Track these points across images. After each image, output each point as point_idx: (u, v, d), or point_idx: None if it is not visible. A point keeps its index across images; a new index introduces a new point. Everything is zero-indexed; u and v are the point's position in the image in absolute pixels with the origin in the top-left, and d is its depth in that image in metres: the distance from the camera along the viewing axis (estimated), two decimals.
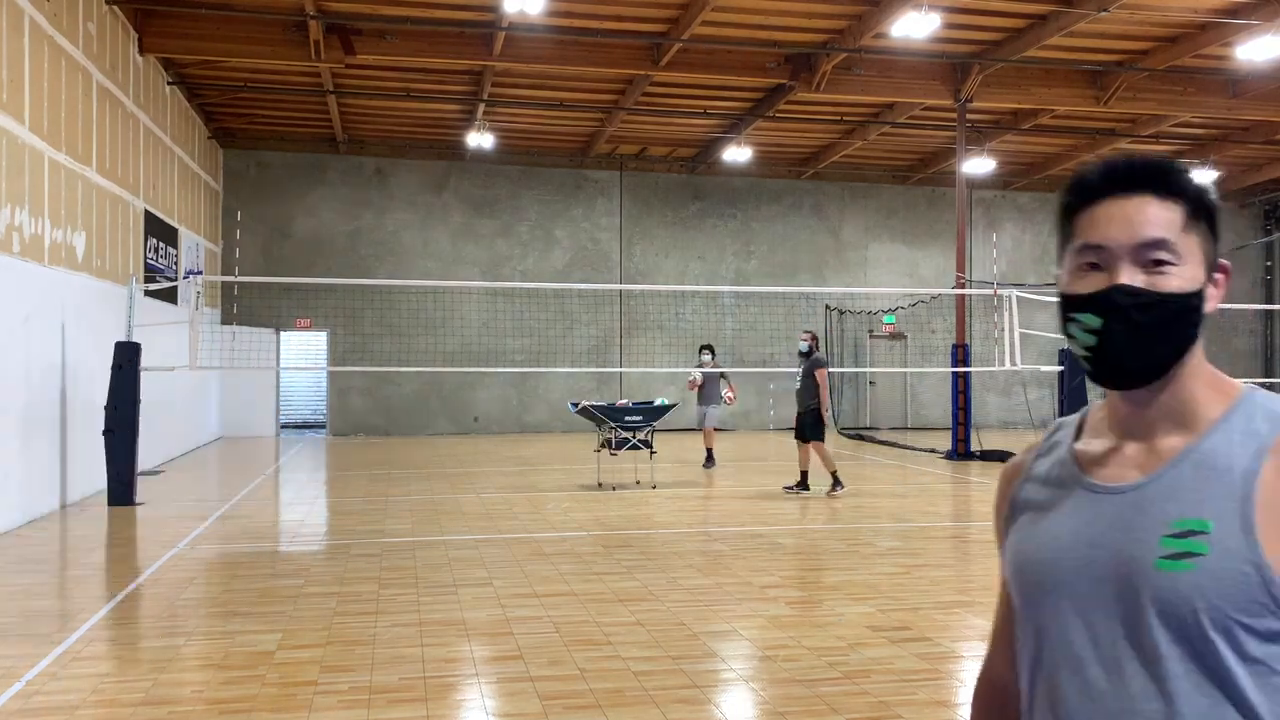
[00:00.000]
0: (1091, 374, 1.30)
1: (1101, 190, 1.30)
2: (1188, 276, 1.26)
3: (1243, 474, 1.22)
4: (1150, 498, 1.26)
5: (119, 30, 14.33)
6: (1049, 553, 1.32)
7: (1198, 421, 1.29)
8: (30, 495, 10.58)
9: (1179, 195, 1.29)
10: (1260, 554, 1.17)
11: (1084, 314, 1.27)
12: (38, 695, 5.03)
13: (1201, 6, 14.54)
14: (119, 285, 13.32)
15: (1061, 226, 1.36)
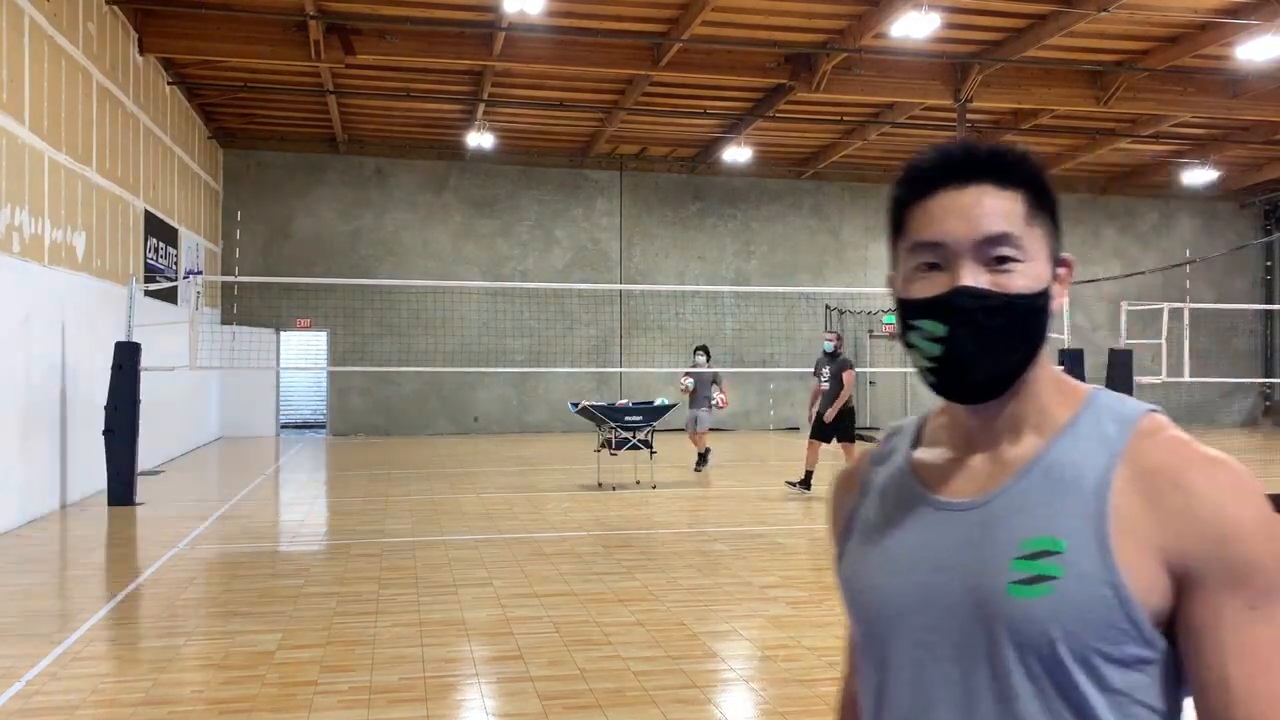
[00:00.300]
0: (935, 387, 1.17)
1: (935, 181, 1.17)
2: (1034, 274, 1.16)
3: (1095, 485, 1.11)
4: (998, 515, 1.14)
5: (119, 30, 14.34)
6: (888, 579, 1.19)
7: (1045, 428, 1.18)
8: (30, 495, 10.58)
9: (1019, 184, 1.18)
10: (1118, 574, 1.06)
11: (926, 320, 1.15)
12: (38, 695, 5.03)
13: (1201, 6, 14.54)
14: (119, 285, 13.32)
15: (893, 223, 1.23)
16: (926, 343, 1.15)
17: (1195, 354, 16.62)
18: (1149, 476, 1.10)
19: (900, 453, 1.29)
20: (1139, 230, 26.77)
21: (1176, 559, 1.07)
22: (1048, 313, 1.16)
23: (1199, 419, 26.65)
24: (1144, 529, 1.07)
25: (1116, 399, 1.19)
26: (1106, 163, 24.27)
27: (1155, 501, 1.08)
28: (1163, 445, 1.12)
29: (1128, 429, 1.14)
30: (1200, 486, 1.08)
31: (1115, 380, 13.71)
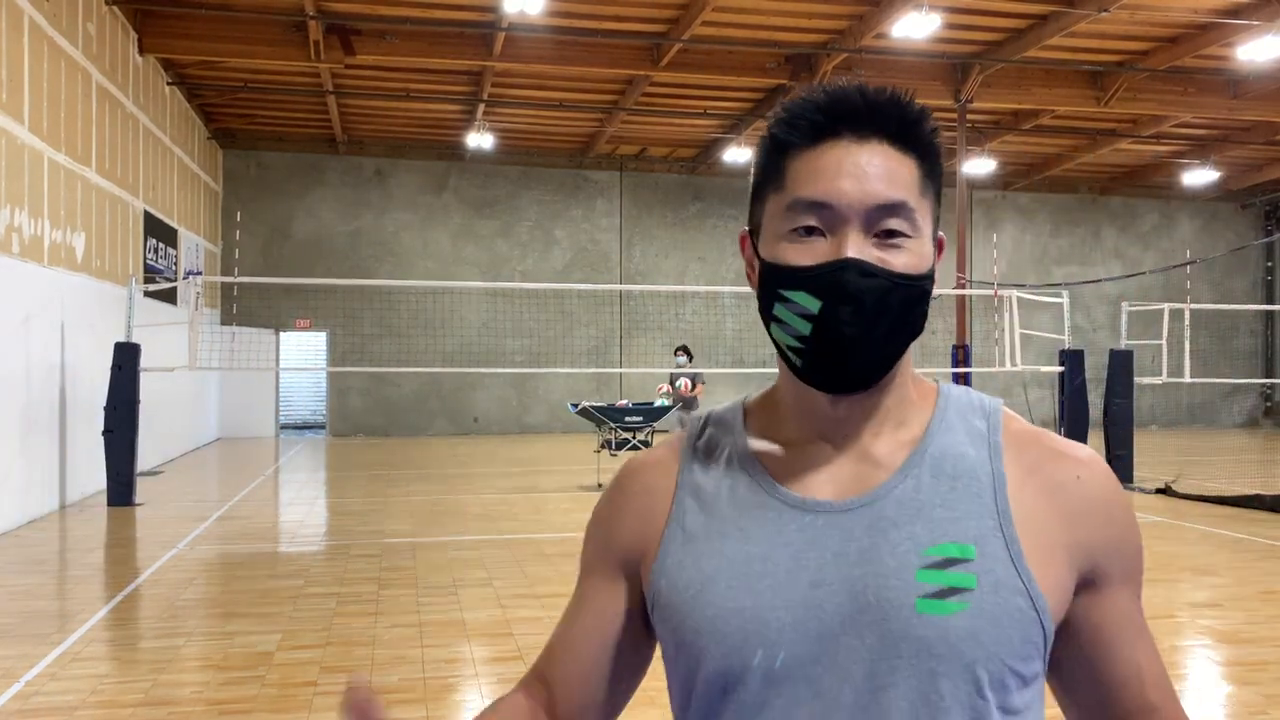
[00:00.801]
0: (799, 370, 1.01)
1: (826, 129, 1.00)
2: (922, 253, 1.02)
3: (989, 482, 1.01)
4: (888, 516, 0.99)
5: (118, 30, 14.31)
6: (753, 598, 0.98)
7: (912, 421, 1.05)
8: (29, 496, 10.55)
9: (916, 147, 1.03)
10: (1032, 581, 0.96)
11: (799, 293, 0.98)
12: (37, 696, 5.00)
13: (1202, 7, 14.52)
14: (118, 286, 13.29)
15: (767, 168, 1.04)
16: (795, 318, 1.00)
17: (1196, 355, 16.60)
18: (1042, 473, 1.02)
19: (727, 445, 1.10)
20: (1139, 231, 26.76)
21: (1084, 558, 1.01)
22: (929, 299, 1.03)
23: (1200, 420, 26.64)
24: (1049, 528, 0.99)
25: (963, 390, 1.10)
26: (1107, 163, 24.26)
27: (1057, 499, 1.01)
28: (1039, 440, 1.05)
29: (995, 421, 1.06)
30: (1096, 482, 1.03)
31: (1116, 381, 13.67)
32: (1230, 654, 5.78)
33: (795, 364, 1.02)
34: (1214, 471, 15.34)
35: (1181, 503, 11.80)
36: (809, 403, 1.05)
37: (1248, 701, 4.99)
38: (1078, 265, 26.10)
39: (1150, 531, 10.02)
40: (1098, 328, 25.18)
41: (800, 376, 1.02)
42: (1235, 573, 7.96)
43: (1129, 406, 13.67)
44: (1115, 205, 26.57)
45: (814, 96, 1.03)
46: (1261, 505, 11.12)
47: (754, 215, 1.08)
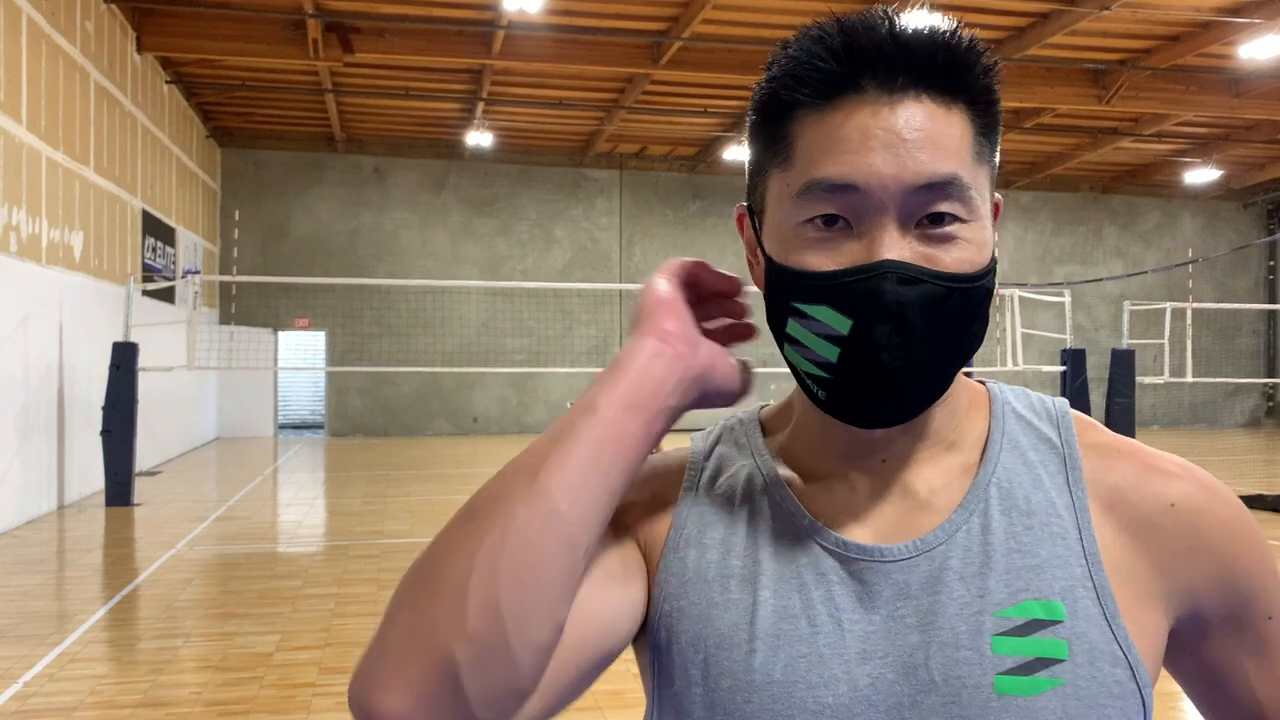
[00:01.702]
0: (824, 404, 0.80)
1: (846, 81, 0.76)
2: (981, 240, 0.78)
3: (1074, 515, 0.81)
4: (952, 568, 0.79)
5: (117, 29, 14.28)
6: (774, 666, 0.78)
7: (965, 439, 0.85)
8: (28, 496, 10.52)
9: (967, 95, 0.79)
10: (1132, 647, 0.77)
11: (821, 308, 0.77)
12: (35, 697, 4.98)
13: (1204, 5, 14.50)
14: (117, 285, 13.26)
15: (768, 135, 0.81)
16: (818, 341, 0.78)
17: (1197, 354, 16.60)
18: (1127, 503, 0.82)
19: (744, 466, 0.89)
20: (1141, 230, 26.74)
21: (1184, 605, 0.82)
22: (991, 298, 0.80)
23: (1201, 419, 26.62)
24: (1142, 573, 0.80)
25: (1020, 391, 0.90)
26: (1109, 162, 24.24)
27: (1150, 539, 0.81)
28: (1121, 454, 0.84)
29: (1068, 430, 0.86)
30: (1194, 510, 0.82)
31: (1118, 381, 13.65)
32: None
33: (818, 396, 0.80)
34: (1216, 471, 15.18)
35: None
36: (838, 427, 0.83)
37: None
38: (1079, 264, 26.08)
39: None
40: (1099, 327, 25.16)
41: (825, 410, 0.81)
42: None
43: (1131, 406, 13.66)
44: (1117, 204, 26.55)
45: (826, 35, 0.77)
46: (1263, 505, 11.08)
47: (754, 192, 0.85)
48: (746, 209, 0.87)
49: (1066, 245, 26.26)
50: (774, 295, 0.82)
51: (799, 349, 0.80)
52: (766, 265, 0.82)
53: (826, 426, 0.84)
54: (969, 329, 0.78)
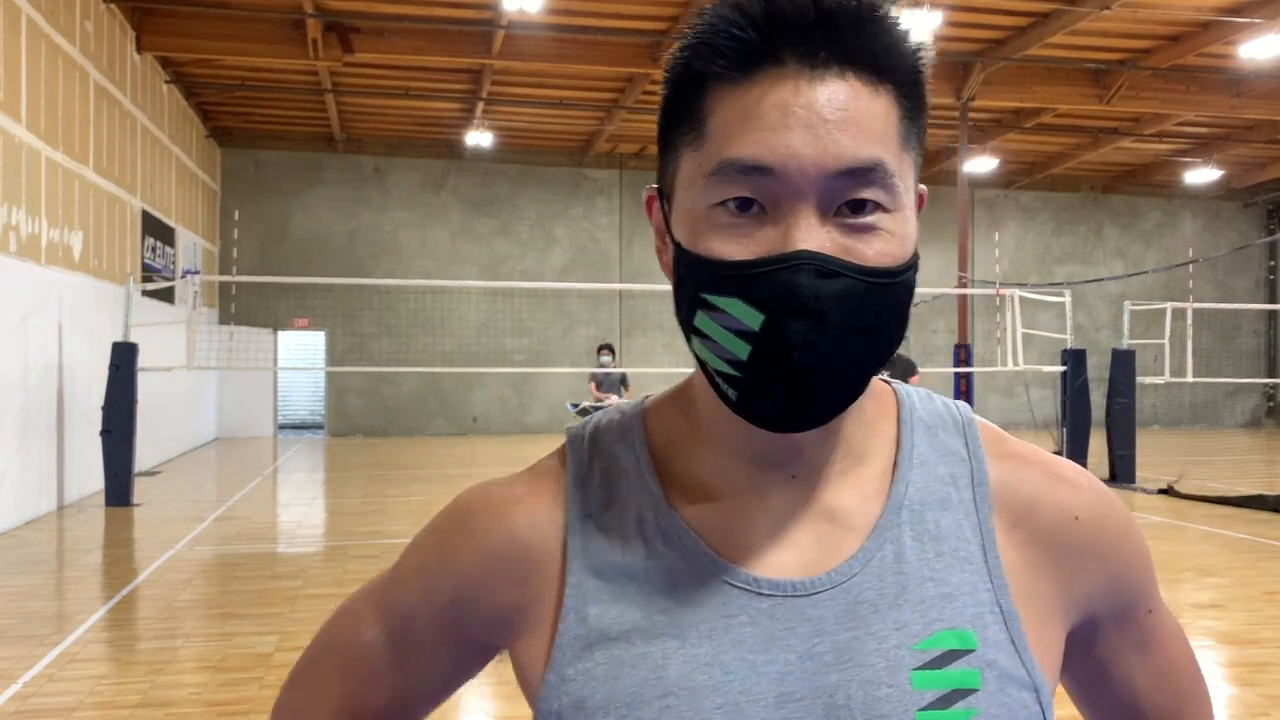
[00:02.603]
0: (733, 403, 0.73)
1: (765, 52, 0.70)
2: (904, 233, 0.72)
3: (979, 534, 0.78)
4: (867, 600, 0.75)
5: (116, 29, 14.27)
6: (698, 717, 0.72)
7: (875, 450, 0.80)
8: (27, 496, 10.51)
9: (893, 73, 0.72)
10: (1036, 668, 0.75)
11: (731, 300, 0.70)
12: (35, 697, 4.97)
13: (1204, 5, 14.49)
14: (116, 285, 13.25)
15: (679, 107, 0.74)
16: (728, 336, 0.71)
17: (1198, 354, 16.58)
18: (1033, 516, 0.80)
19: (630, 491, 0.80)
20: (1142, 230, 26.73)
21: (1082, 612, 0.81)
22: (913, 294, 0.74)
23: (1202, 420, 26.61)
24: (1045, 589, 0.78)
25: (925, 395, 0.85)
26: (1109, 162, 24.24)
27: (1051, 551, 0.79)
28: (1027, 464, 0.82)
29: (974, 440, 0.82)
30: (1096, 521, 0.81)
31: (1118, 381, 13.63)
32: (1232, 655, 5.74)
33: (728, 395, 0.73)
34: (1216, 472, 15.30)
35: (1184, 503, 11.77)
36: (746, 432, 0.76)
37: (1250, 703, 4.96)
38: (1080, 264, 26.07)
39: (1152, 532, 9.99)
40: (1100, 327, 25.15)
41: (735, 410, 0.74)
42: (1237, 573, 7.92)
43: (1131, 406, 13.64)
44: (1117, 204, 26.54)
45: (746, 2, 0.71)
46: (1264, 506, 11.08)
47: (664, 172, 0.77)
48: (656, 191, 0.80)
49: (1067, 245, 26.25)
50: (682, 285, 0.74)
51: (708, 344, 0.73)
52: (675, 252, 0.75)
53: (733, 434, 0.77)
54: (889, 329, 0.72)
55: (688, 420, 0.82)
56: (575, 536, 0.79)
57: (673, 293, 0.76)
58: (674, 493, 0.79)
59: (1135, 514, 11.07)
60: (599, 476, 0.81)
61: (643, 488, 0.80)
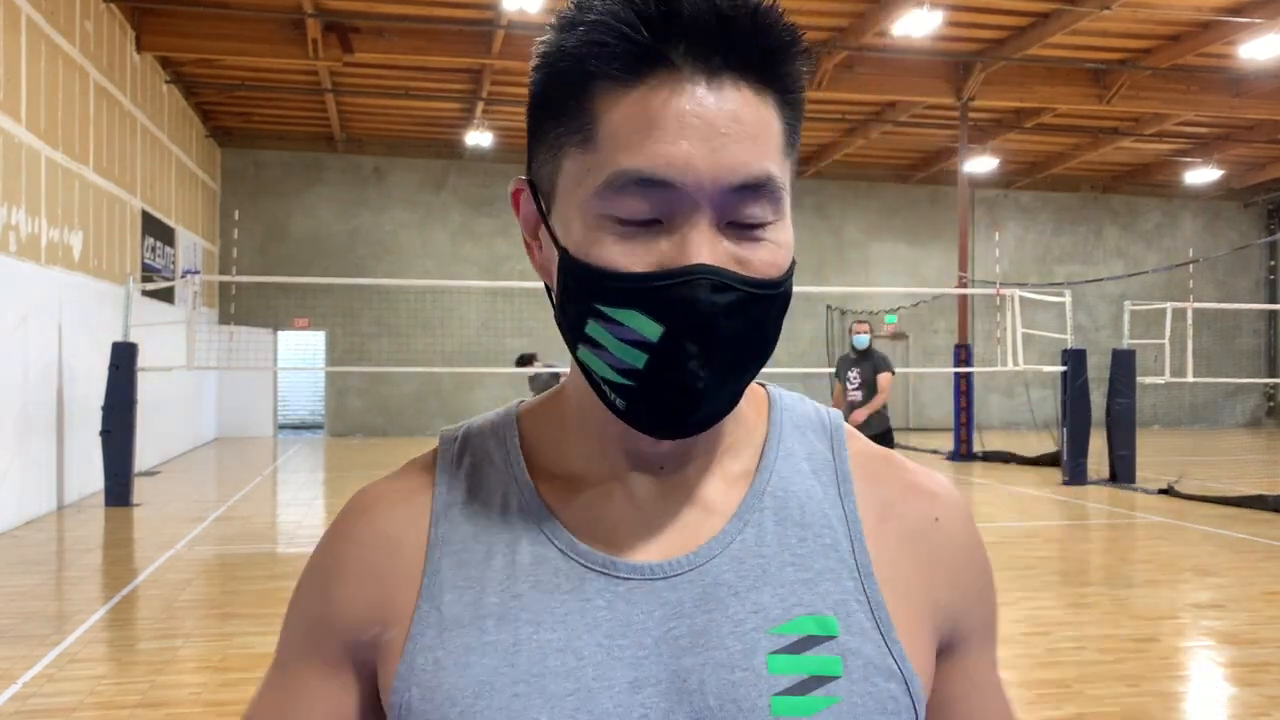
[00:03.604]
0: (621, 412, 0.73)
1: (656, 55, 0.67)
2: (784, 242, 0.72)
3: (846, 526, 0.77)
4: (725, 582, 0.74)
5: (116, 29, 14.26)
6: (540, 708, 0.71)
7: (744, 444, 0.81)
8: (27, 496, 10.50)
9: (778, 81, 0.71)
10: (906, 659, 0.74)
11: (629, 312, 0.69)
12: (34, 697, 4.96)
13: (1205, 5, 14.49)
14: (116, 285, 13.24)
15: (562, 104, 0.71)
16: (622, 346, 0.70)
17: (1198, 354, 16.58)
18: (898, 513, 0.79)
19: (498, 481, 0.80)
20: (1142, 229, 26.74)
21: (944, 619, 0.79)
22: (790, 301, 0.74)
23: (1202, 419, 26.61)
24: (914, 586, 0.77)
25: (796, 398, 0.86)
26: (1109, 162, 24.23)
27: (918, 548, 0.79)
28: (890, 467, 0.82)
29: (840, 442, 0.82)
30: (957, 524, 0.81)
31: (1118, 381, 13.63)
32: (1233, 655, 5.73)
33: (616, 404, 0.73)
34: (1216, 472, 15.30)
35: (1184, 503, 11.77)
36: (618, 431, 0.76)
37: (1250, 703, 4.95)
38: (1080, 264, 26.07)
39: (1152, 532, 9.99)
40: (1100, 327, 25.15)
41: (623, 418, 0.73)
42: (1238, 574, 7.92)
43: (1131, 406, 13.64)
44: (1118, 204, 26.54)
45: (631, 5, 0.67)
46: (1264, 506, 11.07)
47: (539, 165, 0.75)
48: (527, 183, 0.77)
49: (1067, 245, 26.25)
50: (571, 295, 0.72)
51: (599, 353, 0.71)
52: (561, 259, 0.72)
53: (606, 432, 0.77)
54: (770, 335, 0.73)
55: (561, 418, 0.81)
56: (438, 526, 0.78)
57: (552, 295, 0.74)
58: (542, 483, 0.79)
59: (1135, 514, 11.07)
60: (467, 469, 0.81)
61: (510, 476, 0.80)
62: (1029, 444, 17.43)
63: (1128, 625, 6.30)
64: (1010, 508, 11.71)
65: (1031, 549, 9.02)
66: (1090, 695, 4.94)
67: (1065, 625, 6.32)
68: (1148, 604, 6.93)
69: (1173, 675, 5.48)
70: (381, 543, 0.79)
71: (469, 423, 0.86)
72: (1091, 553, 9.38)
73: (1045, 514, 11.33)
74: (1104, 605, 6.89)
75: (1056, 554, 9.09)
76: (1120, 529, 10.40)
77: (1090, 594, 7.36)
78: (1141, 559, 8.70)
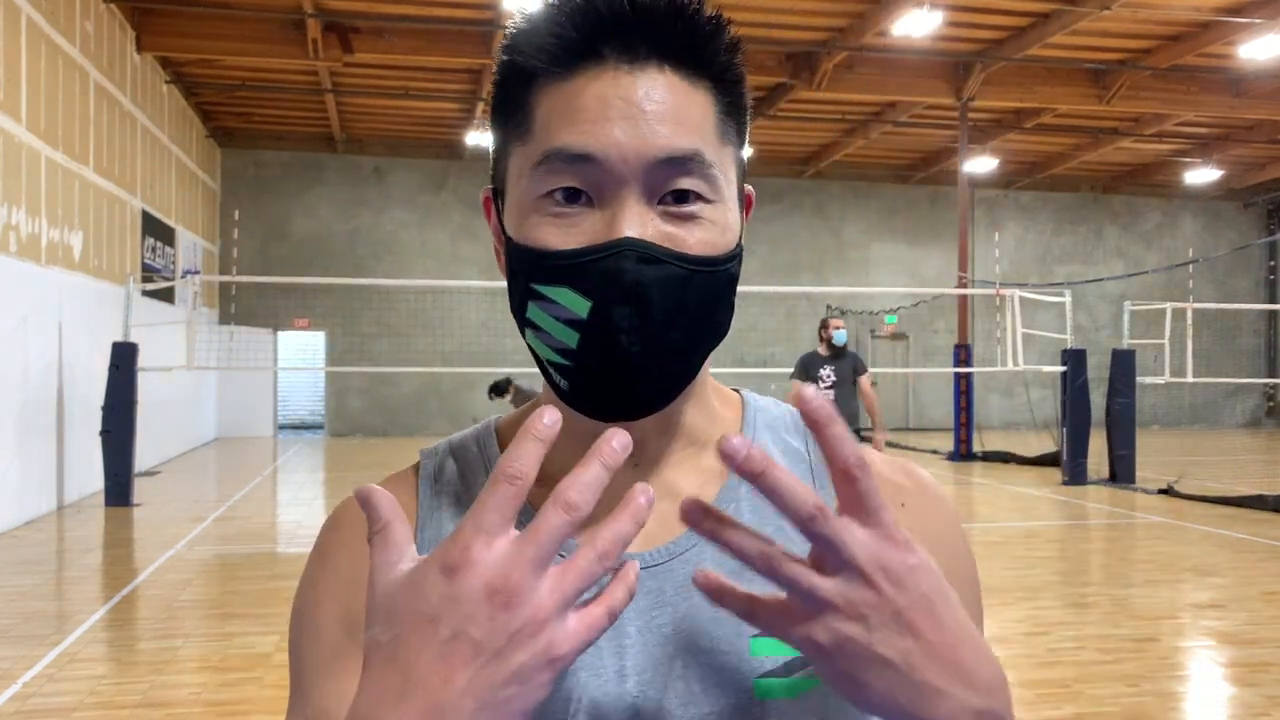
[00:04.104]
0: (565, 393, 0.76)
1: (585, 49, 0.73)
2: (725, 223, 0.75)
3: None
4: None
5: (116, 29, 14.27)
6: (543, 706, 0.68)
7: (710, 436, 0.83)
8: (27, 496, 10.50)
9: (711, 72, 0.75)
10: None
11: (559, 289, 0.73)
12: (35, 697, 4.96)
13: (1204, 5, 14.49)
14: (116, 285, 13.25)
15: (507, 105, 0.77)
16: (557, 325, 0.74)
17: (1198, 354, 16.57)
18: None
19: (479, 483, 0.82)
20: (1142, 230, 26.74)
21: None
22: (736, 285, 0.77)
23: (1202, 419, 26.61)
24: None
25: (771, 401, 0.89)
26: (1109, 162, 24.24)
27: None
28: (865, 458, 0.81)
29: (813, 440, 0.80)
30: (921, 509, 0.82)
31: (1118, 381, 13.63)
32: (1233, 655, 5.74)
33: (560, 385, 0.76)
34: (1216, 472, 15.30)
35: (1184, 503, 11.77)
36: (586, 425, 0.77)
37: (1250, 703, 4.95)
38: (1080, 264, 26.07)
39: (1152, 532, 9.99)
40: (1100, 327, 25.14)
41: (568, 401, 0.76)
42: (1238, 573, 7.92)
43: (1131, 406, 13.64)
44: (1117, 204, 26.54)
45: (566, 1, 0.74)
46: (1264, 506, 11.08)
47: (497, 171, 0.80)
48: (492, 192, 0.81)
49: (1067, 245, 26.25)
50: (514, 278, 0.77)
51: (540, 335, 0.76)
52: (506, 245, 0.77)
53: (573, 429, 0.76)
54: (713, 315, 0.75)
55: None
56: (423, 531, 0.80)
57: (507, 287, 0.79)
58: None
59: (1135, 514, 11.07)
60: (448, 477, 0.84)
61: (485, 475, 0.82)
62: (1029, 444, 17.43)
63: (1127, 625, 6.30)
64: (1010, 508, 11.71)
65: (1031, 549, 9.02)
66: (1090, 695, 4.94)
67: (1065, 625, 6.32)
68: (1147, 604, 6.93)
69: (1172, 675, 5.48)
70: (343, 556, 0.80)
71: (448, 439, 0.88)
72: (1091, 553, 9.38)
73: (1045, 514, 11.33)
74: (1104, 605, 6.89)
75: (1056, 554, 9.09)
76: (1120, 529, 10.40)
77: (1090, 594, 7.36)
78: (1141, 559, 8.70)
